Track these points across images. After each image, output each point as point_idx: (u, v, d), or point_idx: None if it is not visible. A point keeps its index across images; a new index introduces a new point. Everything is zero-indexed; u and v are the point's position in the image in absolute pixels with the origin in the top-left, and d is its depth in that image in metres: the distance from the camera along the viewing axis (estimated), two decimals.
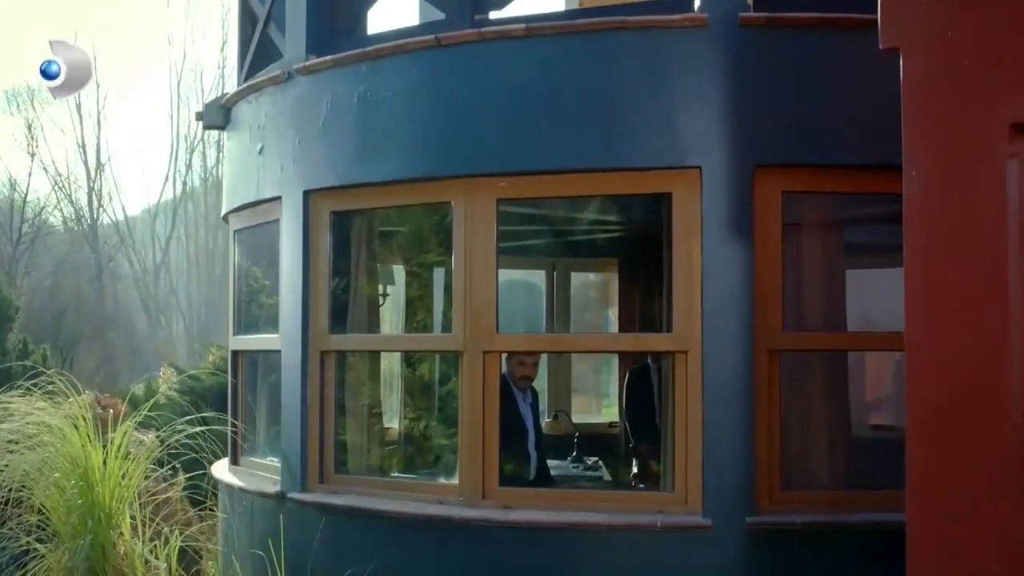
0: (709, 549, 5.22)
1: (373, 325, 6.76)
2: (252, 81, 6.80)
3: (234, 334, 7.42)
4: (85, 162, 36.68)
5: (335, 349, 6.24)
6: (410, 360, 7.74)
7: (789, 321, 5.43)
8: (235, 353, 7.36)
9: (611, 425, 10.23)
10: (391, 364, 7.74)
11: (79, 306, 28.28)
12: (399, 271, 8.03)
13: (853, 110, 5.26)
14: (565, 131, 5.49)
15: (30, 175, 34.54)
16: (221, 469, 7.26)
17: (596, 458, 8.54)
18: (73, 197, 36.23)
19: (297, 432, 6.20)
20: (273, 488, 6.36)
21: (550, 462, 7.94)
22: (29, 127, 33.82)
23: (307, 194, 6.24)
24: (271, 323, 6.86)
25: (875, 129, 5.22)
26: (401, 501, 5.83)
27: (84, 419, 6.82)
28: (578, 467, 8.18)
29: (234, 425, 7.11)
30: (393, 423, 7.81)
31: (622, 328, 10.23)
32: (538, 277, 10.51)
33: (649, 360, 8.69)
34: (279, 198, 6.47)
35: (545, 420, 9.16)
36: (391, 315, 8.13)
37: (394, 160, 5.87)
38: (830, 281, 5.76)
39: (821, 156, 5.32)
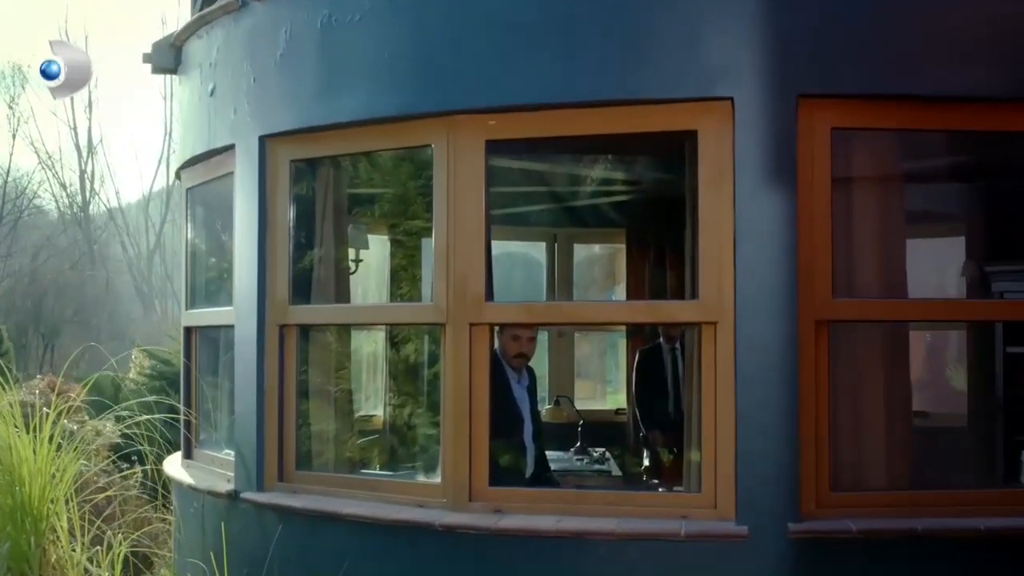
0: (744, 563, 4.29)
1: (342, 295, 5.78)
2: (203, 12, 5.83)
3: (186, 308, 6.46)
4: (76, 144, 35.76)
5: (296, 323, 5.28)
6: (387, 338, 6.80)
7: (840, 286, 4.47)
8: (188, 330, 6.40)
9: (618, 412, 9.34)
10: (365, 343, 6.80)
11: (62, 290, 27.25)
12: (376, 238, 7.08)
13: (928, 23, 4.31)
14: (567, 57, 4.52)
15: (11, 155, 33.46)
16: (173, 464, 6.32)
17: (603, 449, 7.63)
18: (65, 180, 35.32)
19: (252, 421, 5.27)
20: (226, 486, 5.43)
21: (550, 454, 7.02)
22: (11, 104, 32.76)
23: (263, 140, 5.29)
24: (226, 294, 5.89)
25: (956, 46, 4.32)
26: (373, 503, 4.88)
27: (11, 405, 5.90)
28: (583, 460, 7.25)
29: (187, 413, 6.17)
30: (366, 411, 6.86)
31: None
32: (537, 250, 9.56)
33: (661, 339, 7.86)
34: (232, 146, 5.52)
35: (545, 407, 8.22)
36: (373, 287, 7.20)
37: (363, 96, 4.92)
38: (890, 239, 4.78)
39: (882, 83, 4.35)
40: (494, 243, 8.14)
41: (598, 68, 4.50)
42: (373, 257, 7.57)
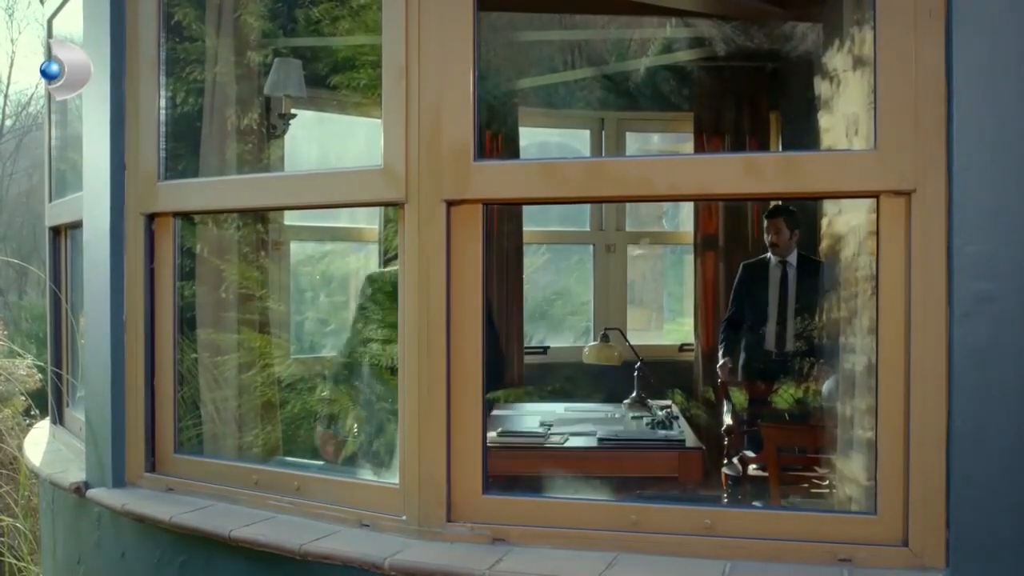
0: None
1: (255, 167, 3.66)
2: None
3: (50, 199, 4.40)
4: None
5: (172, 210, 3.19)
6: (379, 251, 4.77)
7: None
8: (54, 233, 4.33)
9: (683, 348, 7.25)
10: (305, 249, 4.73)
11: None
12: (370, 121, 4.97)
13: None
14: None
15: (11, 66, 31.10)
16: (38, 432, 4.34)
17: (668, 404, 5.57)
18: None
19: (106, 373, 3.23)
20: (76, 476, 3.42)
21: (593, 409, 5.01)
22: (10, 12, 30.43)
23: None
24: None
25: None
26: (285, 519, 2.83)
27: None
28: (641, 419, 5.17)
29: (54, 368, 4.16)
30: (304, 355, 4.79)
31: (702, 226, 7.11)
32: (578, 140, 7.42)
33: (770, 253, 5.78)
34: None
35: (588, 344, 6.14)
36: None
37: None
38: None
39: None
40: (520, 131, 6.02)
41: None
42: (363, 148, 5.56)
